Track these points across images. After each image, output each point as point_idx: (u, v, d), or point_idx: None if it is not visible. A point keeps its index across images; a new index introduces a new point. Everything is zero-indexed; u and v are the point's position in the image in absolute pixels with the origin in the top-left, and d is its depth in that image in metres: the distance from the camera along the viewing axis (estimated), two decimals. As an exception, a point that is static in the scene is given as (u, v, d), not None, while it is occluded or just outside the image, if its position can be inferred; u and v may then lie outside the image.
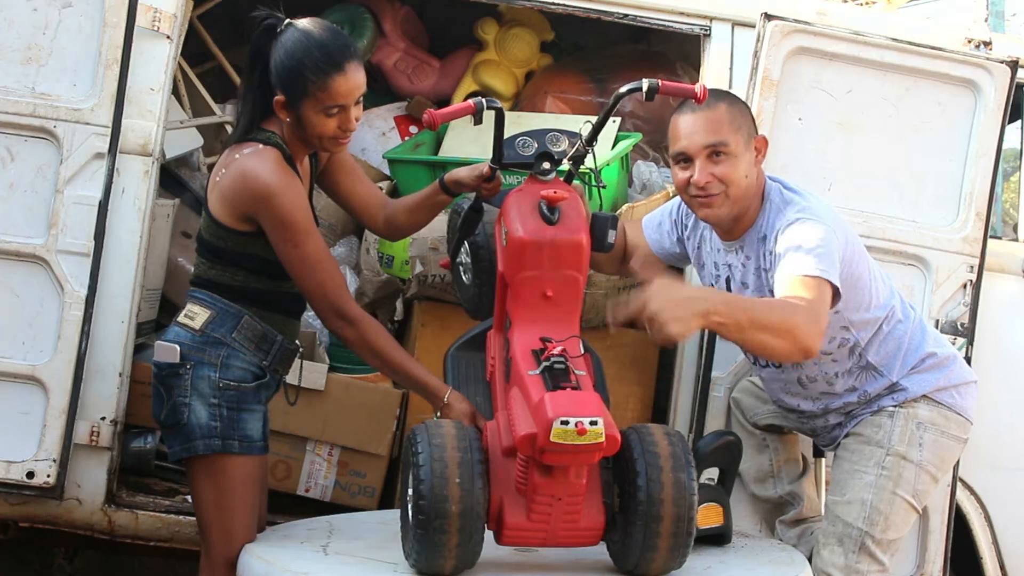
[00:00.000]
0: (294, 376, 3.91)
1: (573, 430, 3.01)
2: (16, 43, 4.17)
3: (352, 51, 3.55)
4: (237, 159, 3.57)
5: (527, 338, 3.34)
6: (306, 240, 3.53)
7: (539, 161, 3.52)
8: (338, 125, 3.55)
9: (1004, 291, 4.70)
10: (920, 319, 3.92)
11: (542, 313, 3.38)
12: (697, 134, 3.64)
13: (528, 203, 3.43)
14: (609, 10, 4.59)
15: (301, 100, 3.52)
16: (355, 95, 3.54)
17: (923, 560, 4.49)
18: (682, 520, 3.22)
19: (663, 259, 4.10)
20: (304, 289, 3.60)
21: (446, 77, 5.66)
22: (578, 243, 3.39)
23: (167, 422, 3.65)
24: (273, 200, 3.49)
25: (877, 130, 4.49)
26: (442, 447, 3.14)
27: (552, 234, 3.37)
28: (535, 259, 3.37)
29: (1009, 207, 7.16)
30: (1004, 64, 4.46)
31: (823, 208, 3.70)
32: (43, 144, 4.15)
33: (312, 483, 4.58)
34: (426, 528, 3.11)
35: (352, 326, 3.58)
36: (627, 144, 4.79)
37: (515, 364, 3.33)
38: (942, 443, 3.84)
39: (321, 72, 3.48)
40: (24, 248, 4.14)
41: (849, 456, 3.87)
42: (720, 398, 4.39)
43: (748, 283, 3.78)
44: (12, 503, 4.26)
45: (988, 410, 4.52)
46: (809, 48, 4.42)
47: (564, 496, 3.18)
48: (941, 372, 3.86)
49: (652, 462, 3.22)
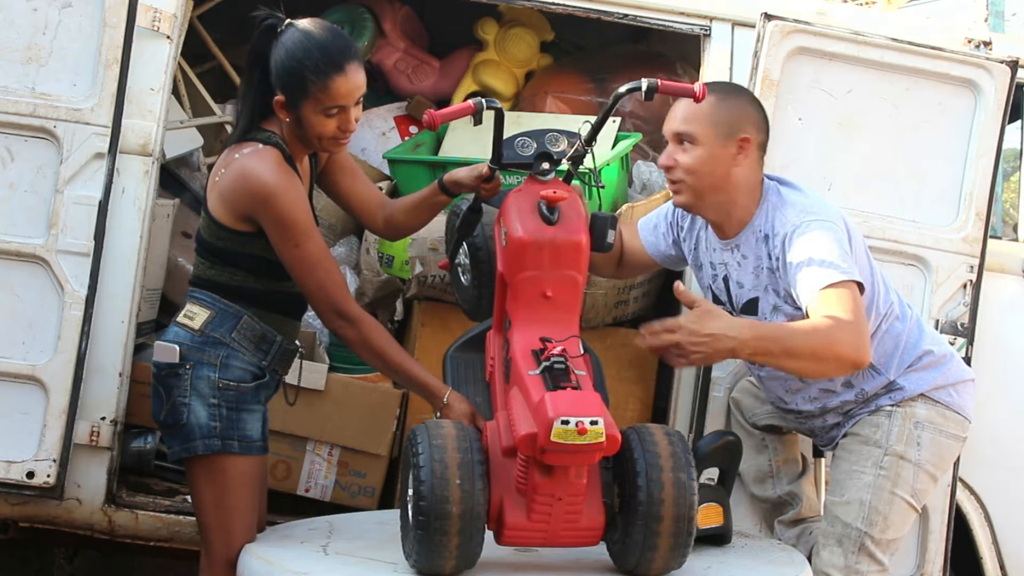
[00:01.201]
0: (294, 376, 3.90)
1: (574, 430, 3.01)
2: (16, 43, 4.17)
3: (352, 52, 3.55)
4: (237, 159, 3.57)
5: (527, 338, 3.34)
6: (306, 240, 3.54)
7: (538, 161, 3.51)
8: (338, 126, 3.56)
9: (1004, 291, 4.71)
10: (917, 318, 3.92)
11: (542, 313, 3.38)
12: (673, 120, 3.72)
13: (527, 203, 3.43)
14: (609, 10, 4.60)
15: (301, 101, 3.52)
16: (355, 96, 3.55)
17: (923, 560, 4.49)
18: (682, 520, 3.21)
19: (659, 262, 4.11)
20: (304, 289, 3.60)
21: (446, 77, 5.66)
22: (578, 243, 3.39)
23: (167, 422, 3.66)
24: (273, 200, 3.50)
25: (877, 130, 4.51)
26: (443, 448, 3.14)
27: (552, 234, 3.37)
28: (535, 259, 3.37)
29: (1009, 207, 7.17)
30: (1004, 64, 4.47)
31: (823, 206, 3.71)
32: (43, 144, 4.16)
33: (312, 483, 4.58)
34: (426, 528, 3.10)
35: (353, 326, 3.58)
36: (627, 144, 4.80)
37: (515, 364, 3.33)
38: (940, 442, 3.84)
39: (321, 73, 3.48)
40: (24, 248, 4.15)
41: (847, 456, 3.87)
42: (720, 398, 4.40)
43: (744, 282, 3.79)
44: (12, 503, 4.26)
45: (988, 410, 4.53)
46: (809, 48, 4.43)
47: (564, 496, 3.17)
48: (938, 371, 3.85)
49: (652, 462, 3.22)
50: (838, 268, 3.51)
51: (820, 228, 3.59)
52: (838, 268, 3.51)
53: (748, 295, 3.79)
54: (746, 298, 3.80)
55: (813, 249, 3.55)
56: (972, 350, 4.46)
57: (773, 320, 3.72)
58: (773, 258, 3.67)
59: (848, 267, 3.52)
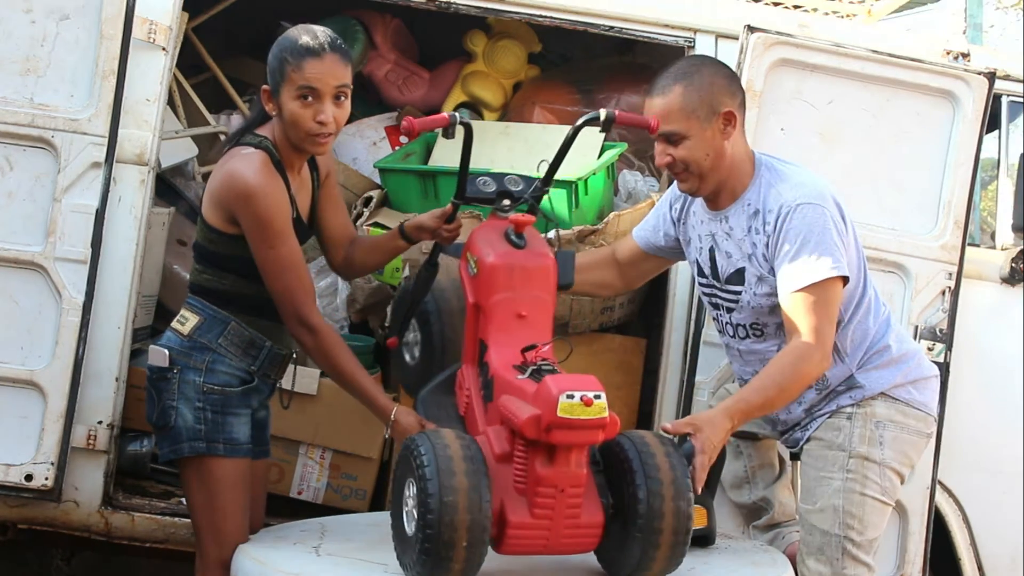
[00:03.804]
0: (286, 381, 3.93)
1: (579, 403, 3.04)
2: (15, 55, 4.20)
3: (334, 44, 3.58)
4: (227, 162, 3.62)
5: (507, 355, 3.40)
6: (281, 243, 3.56)
7: (499, 198, 3.67)
8: (313, 116, 3.55)
9: (982, 298, 4.75)
10: (889, 315, 3.92)
11: (517, 334, 3.45)
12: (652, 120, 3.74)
13: (494, 233, 3.57)
14: (595, 23, 4.65)
15: (280, 85, 3.56)
16: (328, 83, 3.55)
17: (903, 561, 4.54)
18: (681, 527, 3.23)
19: (653, 254, 4.12)
20: (272, 291, 3.61)
21: (436, 88, 5.69)
22: (547, 265, 3.52)
23: (157, 424, 3.70)
24: (252, 200, 3.52)
25: (858, 140, 4.55)
26: (448, 458, 3.10)
27: (522, 257, 3.50)
28: (507, 281, 3.48)
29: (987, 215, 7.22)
30: (982, 75, 4.52)
31: (816, 183, 3.74)
32: (41, 154, 4.19)
33: (305, 485, 4.61)
34: (434, 541, 3.05)
35: (312, 334, 3.61)
36: (613, 154, 4.84)
37: (500, 378, 3.37)
38: (903, 439, 3.83)
39: (297, 54, 3.53)
40: (23, 255, 4.18)
41: (813, 463, 3.87)
42: (704, 402, 4.42)
43: (732, 252, 3.81)
44: (11, 505, 4.29)
45: (967, 414, 4.60)
46: (791, 60, 4.47)
47: (567, 487, 3.17)
48: (898, 369, 3.85)
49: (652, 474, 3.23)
50: (820, 265, 3.59)
51: (813, 212, 3.64)
52: (820, 265, 3.59)
53: (735, 265, 3.80)
54: (733, 268, 3.81)
55: (801, 239, 3.62)
56: (951, 356, 4.49)
57: (759, 291, 3.76)
58: (764, 232, 3.70)
59: (834, 262, 3.60)
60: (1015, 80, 4.80)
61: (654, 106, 3.73)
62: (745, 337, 3.89)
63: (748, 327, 3.85)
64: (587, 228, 4.44)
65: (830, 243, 3.62)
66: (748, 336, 3.88)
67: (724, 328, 3.95)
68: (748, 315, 3.83)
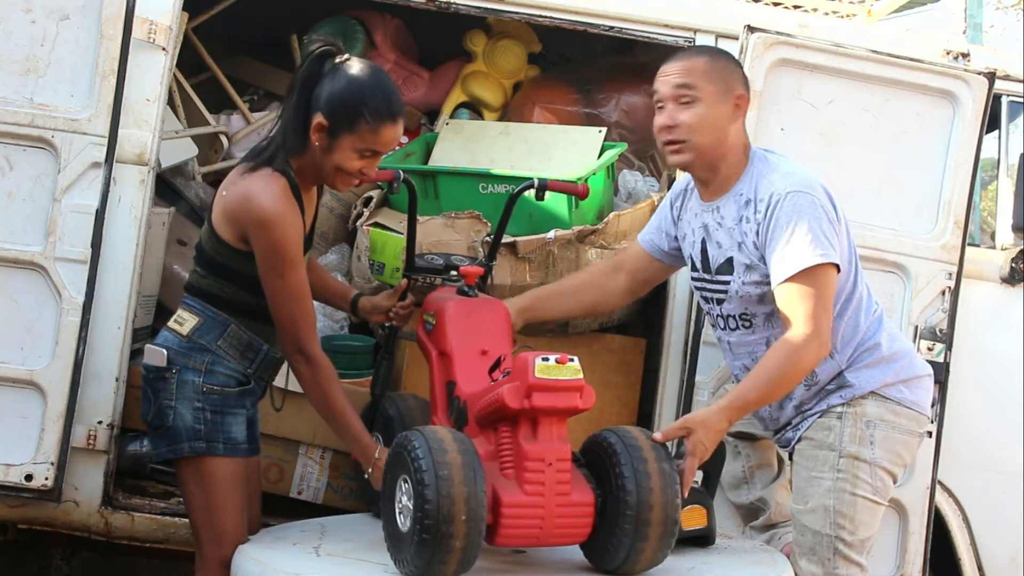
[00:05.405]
0: (283, 381, 3.96)
1: (555, 364, 3.20)
2: (15, 55, 4.21)
3: (403, 107, 3.65)
4: (245, 179, 3.60)
5: (476, 385, 3.57)
6: (291, 273, 3.57)
7: (447, 269, 4.00)
8: (362, 167, 3.60)
9: (982, 298, 4.75)
10: (881, 314, 3.90)
11: (482, 367, 3.60)
12: (670, 75, 3.74)
13: (447, 291, 3.92)
14: (595, 22, 4.65)
15: (344, 133, 3.55)
16: (393, 147, 3.64)
17: (903, 561, 4.53)
18: (669, 512, 3.29)
19: (658, 258, 4.12)
20: (276, 317, 3.62)
21: (436, 88, 5.68)
22: (501, 309, 3.85)
23: (154, 423, 3.72)
24: (269, 228, 3.52)
25: (857, 140, 4.55)
26: (443, 451, 3.14)
27: (477, 304, 3.82)
28: (465, 323, 3.74)
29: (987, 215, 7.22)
30: (982, 75, 4.52)
31: (806, 174, 3.74)
32: (41, 154, 4.19)
33: (304, 486, 4.61)
34: (433, 534, 3.09)
35: (308, 364, 3.62)
36: (613, 154, 4.82)
37: (473, 394, 3.52)
38: (893, 438, 3.80)
39: (378, 116, 3.53)
40: (23, 255, 4.18)
41: (804, 463, 3.86)
42: (704, 402, 4.42)
43: (722, 242, 3.81)
44: (11, 505, 4.30)
45: (966, 414, 4.59)
46: (791, 60, 4.48)
47: (553, 460, 3.25)
48: (889, 367, 3.83)
49: (639, 467, 3.29)
50: (811, 251, 3.58)
51: (803, 200, 3.64)
52: (811, 251, 3.58)
53: (725, 255, 3.80)
54: (723, 258, 3.81)
55: (793, 225, 3.62)
56: (951, 356, 4.49)
57: (747, 279, 3.76)
58: (755, 220, 3.70)
59: (824, 249, 3.60)
60: (1015, 80, 4.80)
61: (674, 67, 3.73)
62: (735, 328, 3.89)
63: (737, 317, 3.85)
64: (587, 228, 4.44)
65: (820, 230, 3.61)
66: (738, 327, 3.88)
67: (716, 321, 3.96)
68: (737, 305, 3.83)
